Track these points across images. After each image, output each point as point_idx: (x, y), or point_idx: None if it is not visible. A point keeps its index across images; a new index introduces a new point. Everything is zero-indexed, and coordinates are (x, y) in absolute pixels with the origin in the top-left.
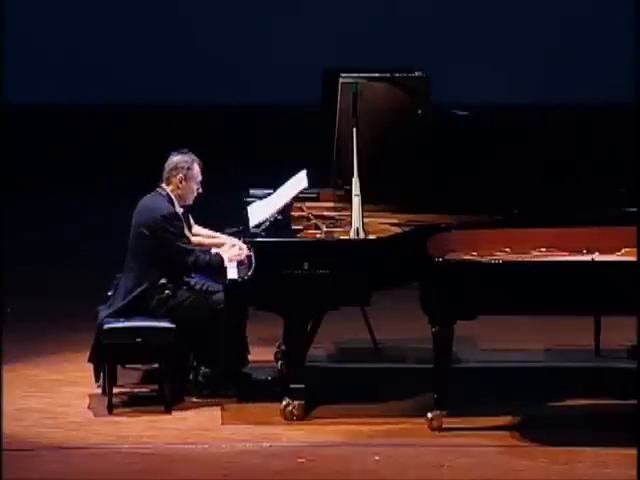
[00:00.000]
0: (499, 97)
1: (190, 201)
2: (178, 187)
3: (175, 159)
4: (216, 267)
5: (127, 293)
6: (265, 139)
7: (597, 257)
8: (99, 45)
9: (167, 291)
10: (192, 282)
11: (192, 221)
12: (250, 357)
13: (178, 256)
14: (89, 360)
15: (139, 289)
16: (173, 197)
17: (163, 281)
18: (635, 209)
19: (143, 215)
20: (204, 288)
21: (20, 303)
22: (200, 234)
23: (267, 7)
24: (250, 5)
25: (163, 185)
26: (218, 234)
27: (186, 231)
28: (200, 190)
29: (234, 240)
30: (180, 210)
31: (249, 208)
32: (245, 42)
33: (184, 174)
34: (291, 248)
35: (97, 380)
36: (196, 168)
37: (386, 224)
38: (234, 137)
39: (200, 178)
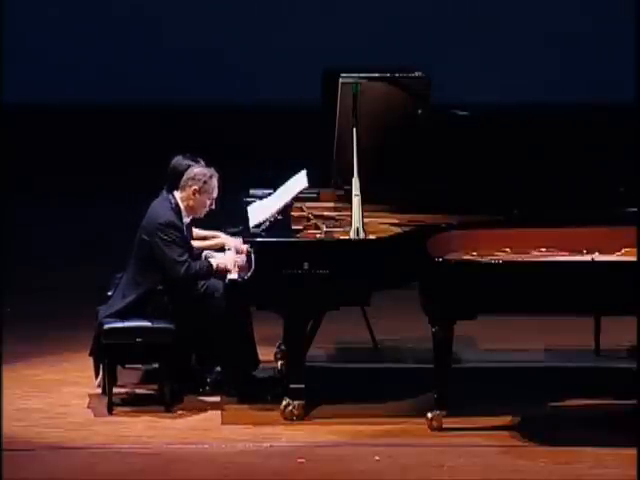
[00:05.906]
0: (499, 97)
1: (201, 215)
2: (190, 198)
3: (196, 170)
4: (206, 274)
5: (124, 294)
6: (265, 139)
7: (597, 257)
8: (99, 45)
9: (165, 297)
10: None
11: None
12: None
13: (168, 267)
14: (90, 354)
15: (135, 293)
16: (182, 207)
17: (160, 287)
18: (635, 209)
19: (146, 220)
20: (203, 290)
21: (20, 303)
22: (198, 238)
23: (267, 6)
24: (250, 5)
25: (176, 192)
26: (216, 233)
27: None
28: (213, 206)
29: (231, 242)
30: (187, 221)
31: (249, 208)
32: (245, 42)
33: (199, 186)
34: (291, 248)
35: (97, 375)
36: (213, 183)
37: (386, 224)
38: (234, 137)
39: (215, 194)
